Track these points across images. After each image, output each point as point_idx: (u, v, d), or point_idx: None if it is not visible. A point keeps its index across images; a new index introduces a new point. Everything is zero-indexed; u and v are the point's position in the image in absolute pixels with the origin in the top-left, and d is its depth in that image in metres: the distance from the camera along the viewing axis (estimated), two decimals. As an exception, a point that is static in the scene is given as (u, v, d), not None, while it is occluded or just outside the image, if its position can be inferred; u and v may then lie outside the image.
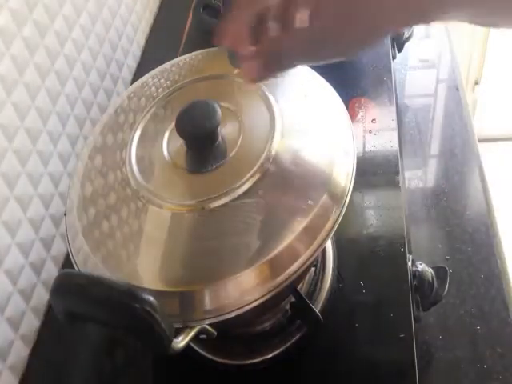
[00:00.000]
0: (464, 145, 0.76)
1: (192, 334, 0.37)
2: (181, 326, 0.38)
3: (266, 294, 0.39)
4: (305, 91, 0.50)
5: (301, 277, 0.50)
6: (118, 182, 0.46)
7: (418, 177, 0.74)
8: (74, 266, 0.43)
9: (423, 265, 0.58)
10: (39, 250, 0.63)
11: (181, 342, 0.36)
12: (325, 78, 0.51)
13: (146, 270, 0.42)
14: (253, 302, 0.39)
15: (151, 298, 0.33)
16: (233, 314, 0.39)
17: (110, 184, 0.47)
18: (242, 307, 0.39)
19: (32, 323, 0.62)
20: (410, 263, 0.58)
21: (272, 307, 0.52)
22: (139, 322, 0.32)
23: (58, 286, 0.34)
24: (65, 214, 0.47)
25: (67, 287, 0.34)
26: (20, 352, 0.60)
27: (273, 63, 0.38)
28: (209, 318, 0.39)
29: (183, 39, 0.91)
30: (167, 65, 0.56)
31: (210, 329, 0.39)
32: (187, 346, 0.37)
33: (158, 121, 0.51)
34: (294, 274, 0.39)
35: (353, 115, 0.72)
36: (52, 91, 0.66)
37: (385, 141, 0.70)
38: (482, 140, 0.85)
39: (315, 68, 0.53)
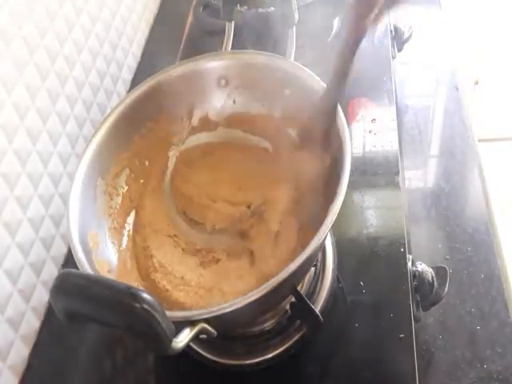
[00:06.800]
0: (464, 145, 0.76)
1: (192, 333, 0.37)
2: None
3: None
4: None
5: (301, 275, 0.50)
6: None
7: (417, 177, 0.74)
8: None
9: (423, 265, 0.58)
10: (39, 250, 0.63)
11: (181, 342, 0.36)
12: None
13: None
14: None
15: (151, 298, 0.33)
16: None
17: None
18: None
19: (32, 323, 0.62)
20: (409, 263, 0.58)
21: (272, 307, 0.52)
22: (139, 322, 0.32)
23: (58, 285, 0.34)
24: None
25: (67, 287, 0.34)
26: (20, 352, 0.60)
27: None
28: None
29: (183, 39, 0.91)
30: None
31: (210, 329, 0.39)
32: (187, 346, 0.37)
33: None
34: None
35: (353, 115, 0.72)
36: (52, 91, 0.66)
37: (385, 141, 0.70)
38: (481, 140, 0.85)
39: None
